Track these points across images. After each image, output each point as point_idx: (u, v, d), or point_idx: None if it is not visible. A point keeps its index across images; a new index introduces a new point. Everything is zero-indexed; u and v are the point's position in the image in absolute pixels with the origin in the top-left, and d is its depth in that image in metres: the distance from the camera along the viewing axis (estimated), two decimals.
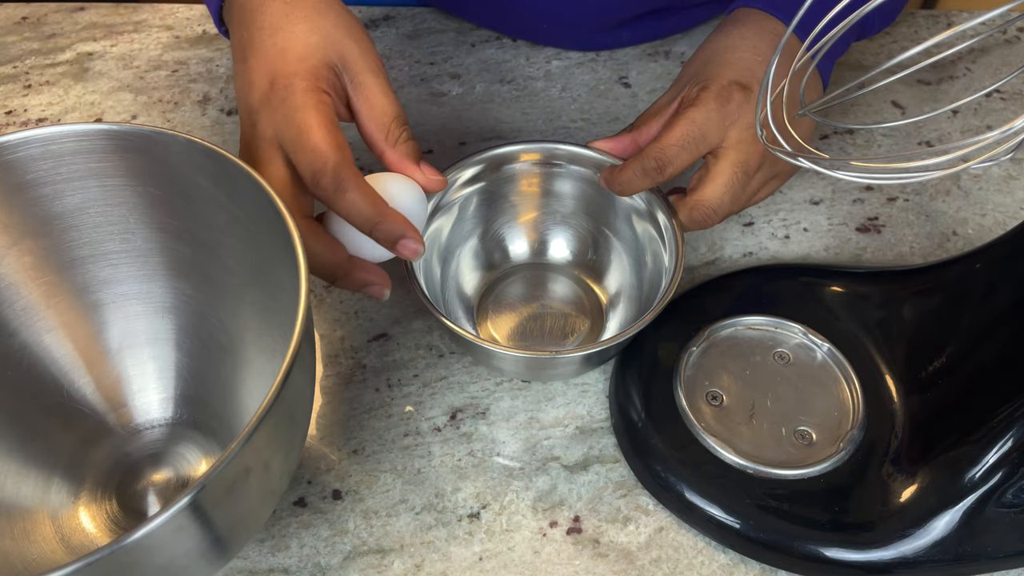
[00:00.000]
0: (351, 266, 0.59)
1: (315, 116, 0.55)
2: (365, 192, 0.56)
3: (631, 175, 0.64)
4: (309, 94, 0.56)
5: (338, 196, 0.55)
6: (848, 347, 0.65)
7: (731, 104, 0.63)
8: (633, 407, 0.63)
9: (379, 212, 0.56)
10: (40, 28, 0.94)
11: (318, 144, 0.55)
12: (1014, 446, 0.54)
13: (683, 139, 0.63)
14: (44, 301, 0.58)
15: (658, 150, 0.63)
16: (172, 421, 0.62)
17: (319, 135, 0.55)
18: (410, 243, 0.57)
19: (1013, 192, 0.80)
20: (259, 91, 0.58)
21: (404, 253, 0.58)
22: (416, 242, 0.57)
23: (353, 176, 0.55)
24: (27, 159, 0.53)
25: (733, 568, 0.59)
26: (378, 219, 0.56)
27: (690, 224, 0.65)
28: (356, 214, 0.56)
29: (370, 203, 0.56)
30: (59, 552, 0.55)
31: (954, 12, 0.96)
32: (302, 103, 0.56)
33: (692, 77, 0.67)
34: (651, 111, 0.68)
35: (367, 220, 0.56)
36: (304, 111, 0.56)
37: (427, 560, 0.59)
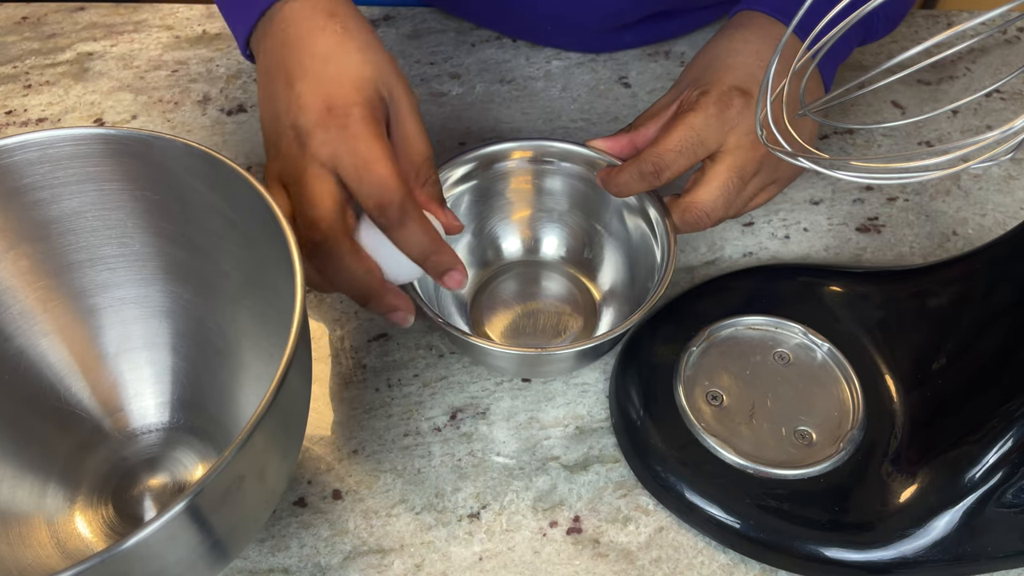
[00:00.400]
0: (384, 290, 0.60)
1: (380, 147, 0.57)
2: (426, 225, 0.58)
3: (628, 178, 0.64)
4: (371, 124, 0.57)
5: (401, 226, 0.57)
6: (848, 347, 0.65)
7: (731, 110, 0.63)
8: (633, 407, 0.63)
9: (435, 244, 0.59)
10: (40, 28, 0.94)
11: (387, 177, 0.56)
12: (1014, 446, 0.54)
13: (681, 144, 0.62)
14: (40, 305, 0.58)
15: (655, 155, 0.63)
16: (168, 426, 0.62)
17: (386, 167, 0.56)
18: (456, 275, 0.60)
19: (1013, 192, 0.80)
20: (314, 114, 0.57)
21: (449, 284, 0.61)
22: (462, 274, 0.61)
23: (416, 209, 0.57)
24: (24, 163, 0.53)
25: (733, 568, 0.59)
26: (433, 250, 0.59)
27: (683, 226, 0.65)
28: (414, 244, 0.58)
29: (429, 236, 0.58)
30: (54, 557, 0.55)
31: (954, 12, 0.96)
32: (365, 132, 0.57)
33: (693, 81, 0.67)
34: (650, 112, 0.68)
35: (423, 251, 0.58)
36: (369, 140, 0.56)
37: (427, 560, 0.59)
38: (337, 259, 0.57)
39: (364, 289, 0.59)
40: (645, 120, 0.68)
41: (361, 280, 0.58)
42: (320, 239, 0.56)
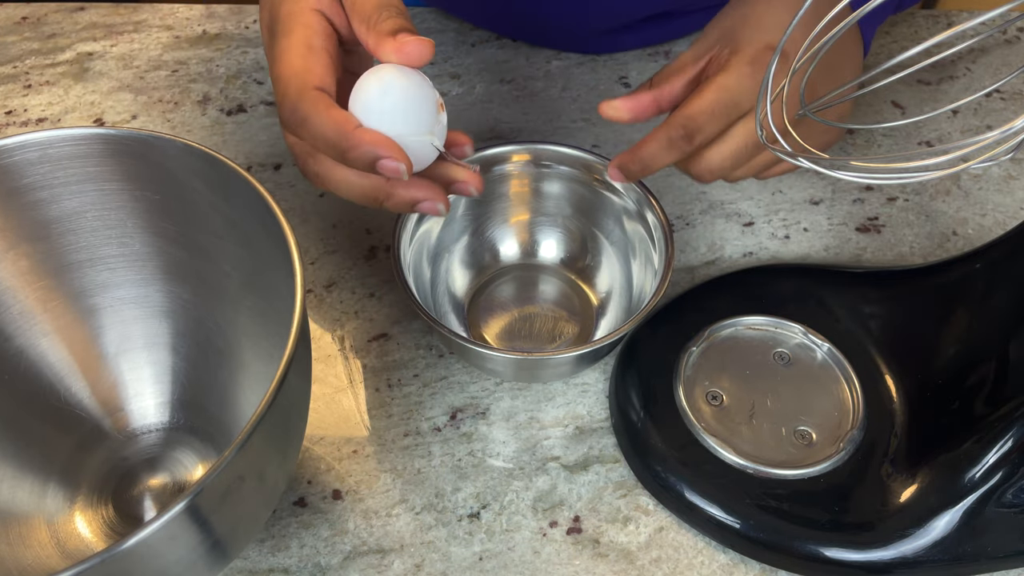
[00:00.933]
0: (391, 188, 0.52)
1: (291, 40, 0.50)
2: (326, 117, 0.48)
3: (656, 147, 0.59)
4: (293, 16, 0.51)
5: (302, 129, 0.49)
6: (848, 347, 0.65)
7: (763, 67, 0.58)
8: (633, 407, 0.63)
9: (343, 136, 0.48)
10: (40, 28, 0.94)
11: (280, 72, 0.49)
12: (1014, 446, 0.54)
13: (714, 105, 0.58)
14: (40, 305, 0.58)
15: (686, 117, 0.58)
16: (168, 426, 0.62)
17: (283, 62, 0.50)
18: (389, 163, 0.48)
19: (1013, 192, 0.80)
20: (265, 27, 0.54)
21: (386, 175, 0.49)
22: (395, 159, 0.48)
23: (311, 101, 0.48)
24: (24, 163, 0.53)
25: (733, 568, 0.59)
26: (345, 145, 0.48)
27: (696, 174, 0.62)
28: (323, 144, 0.49)
29: (332, 128, 0.48)
30: (54, 557, 0.55)
31: (954, 12, 0.96)
32: (281, 28, 0.51)
33: (722, 37, 0.62)
34: (673, 68, 0.63)
35: (334, 148, 0.49)
36: (284, 37, 0.51)
37: (427, 560, 0.59)
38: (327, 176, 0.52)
39: (366, 192, 0.52)
40: (668, 76, 0.62)
41: (358, 188, 0.52)
42: (300, 164, 0.52)
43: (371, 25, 0.51)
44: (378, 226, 0.76)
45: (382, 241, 0.75)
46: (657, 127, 0.60)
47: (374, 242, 0.75)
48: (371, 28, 0.51)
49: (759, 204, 0.78)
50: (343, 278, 0.73)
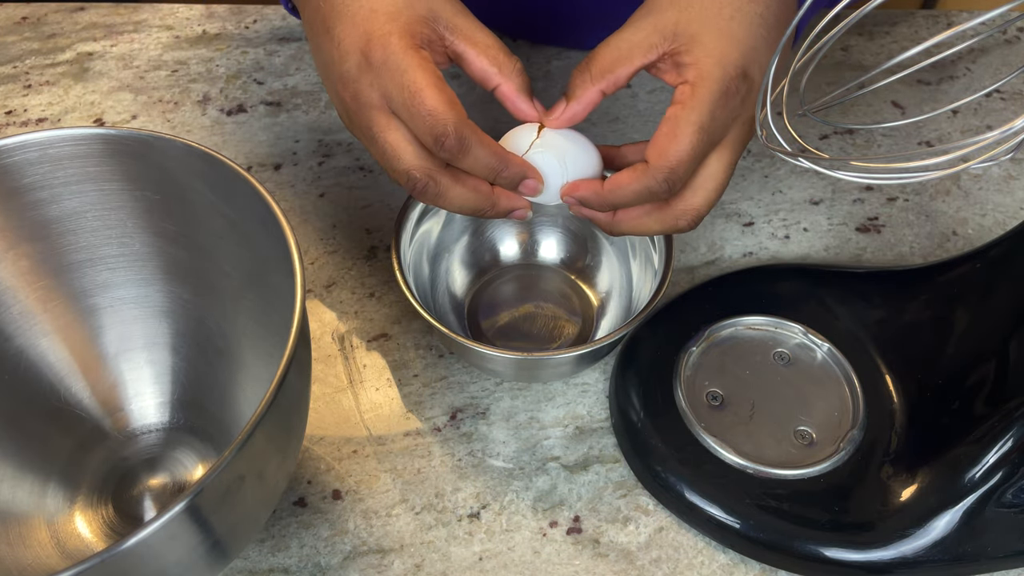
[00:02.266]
0: (496, 197, 0.59)
1: (423, 75, 0.54)
2: (486, 144, 0.55)
3: (630, 194, 0.57)
4: (411, 52, 0.54)
5: (462, 156, 0.55)
6: (848, 347, 0.65)
7: (735, 99, 0.56)
8: (633, 407, 0.63)
9: (501, 160, 0.56)
10: (40, 28, 0.94)
11: (434, 106, 0.53)
12: (1014, 446, 0.54)
13: (695, 151, 0.56)
14: (40, 305, 0.58)
15: (669, 170, 0.56)
16: (168, 426, 0.62)
17: (432, 96, 0.53)
18: (531, 183, 0.58)
19: (1013, 192, 0.80)
20: (355, 56, 0.56)
21: (526, 193, 0.59)
22: (537, 180, 0.58)
23: (473, 132, 0.55)
24: (24, 163, 0.53)
25: (733, 568, 0.59)
26: (501, 167, 0.56)
27: (669, 231, 0.61)
28: (481, 167, 0.56)
29: (492, 153, 0.56)
30: (54, 557, 0.55)
31: (954, 12, 0.96)
32: (406, 63, 0.54)
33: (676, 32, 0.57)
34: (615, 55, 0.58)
35: (491, 170, 0.56)
36: (411, 72, 0.54)
37: (427, 560, 0.59)
38: (443, 196, 0.57)
39: (477, 207, 0.58)
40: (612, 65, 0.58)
41: (468, 201, 0.58)
42: (420, 187, 0.56)
43: (504, 71, 0.58)
44: (378, 226, 0.76)
45: (382, 241, 0.75)
46: (632, 171, 0.57)
47: (374, 242, 0.75)
48: (505, 73, 0.58)
49: (759, 204, 0.78)
50: (343, 278, 0.73)
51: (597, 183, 0.59)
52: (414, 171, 0.55)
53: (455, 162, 0.56)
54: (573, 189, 0.59)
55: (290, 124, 0.84)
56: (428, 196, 0.56)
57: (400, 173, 0.56)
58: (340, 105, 0.59)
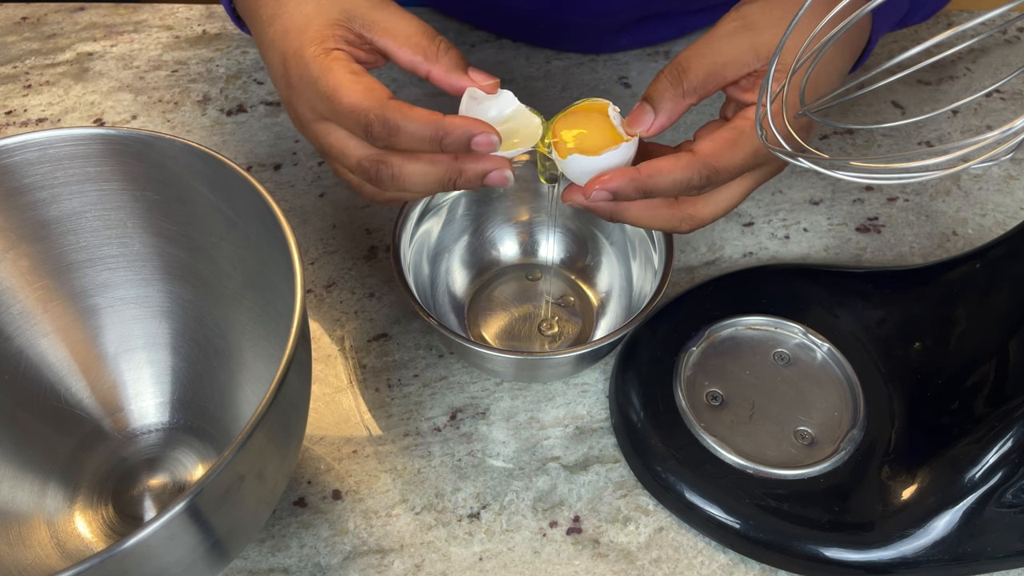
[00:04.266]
0: (461, 164, 0.55)
1: (335, 76, 0.54)
2: (416, 117, 0.52)
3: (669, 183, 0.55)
4: (320, 58, 0.55)
5: (395, 138, 0.53)
6: (848, 347, 0.65)
7: None
8: (633, 407, 0.63)
9: (438, 127, 0.52)
10: (40, 28, 0.94)
11: (351, 101, 0.53)
12: (1014, 446, 0.54)
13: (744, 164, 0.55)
14: (40, 305, 0.58)
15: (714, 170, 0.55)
16: (168, 426, 0.62)
17: (347, 92, 0.53)
18: (482, 138, 0.53)
19: (1013, 192, 0.80)
20: (281, 80, 0.57)
21: (481, 150, 0.53)
22: (488, 133, 0.53)
23: (397, 111, 0.52)
24: (24, 163, 0.53)
25: (733, 568, 0.59)
26: (440, 133, 0.53)
27: (668, 230, 0.61)
28: (419, 141, 0.53)
29: (425, 124, 0.52)
30: (54, 557, 0.55)
31: (954, 12, 0.96)
32: (318, 71, 0.54)
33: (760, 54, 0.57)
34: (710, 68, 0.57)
35: (431, 140, 0.53)
36: (323, 77, 0.54)
37: (427, 560, 0.59)
38: (400, 176, 0.55)
39: (440, 179, 0.55)
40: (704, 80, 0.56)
41: (436, 175, 0.55)
42: (375, 173, 0.55)
43: (429, 55, 0.57)
44: (378, 226, 0.76)
45: (382, 241, 0.75)
46: (675, 159, 0.55)
47: (374, 242, 0.75)
48: (431, 58, 0.57)
49: (759, 204, 0.78)
50: (343, 278, 0.73)
51: (632, 171, 0.55)
52: (363, 160, 0.55)
53: (393, 145, 0.54)
54: (606, 182, 0.55)
55: (290, 124, 0.84)
56: (386, 181, 0.55)
57: (353, 168, 0.56)
58: (300, 130, 0.60)
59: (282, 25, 0.57)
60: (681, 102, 0.56)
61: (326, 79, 0.54)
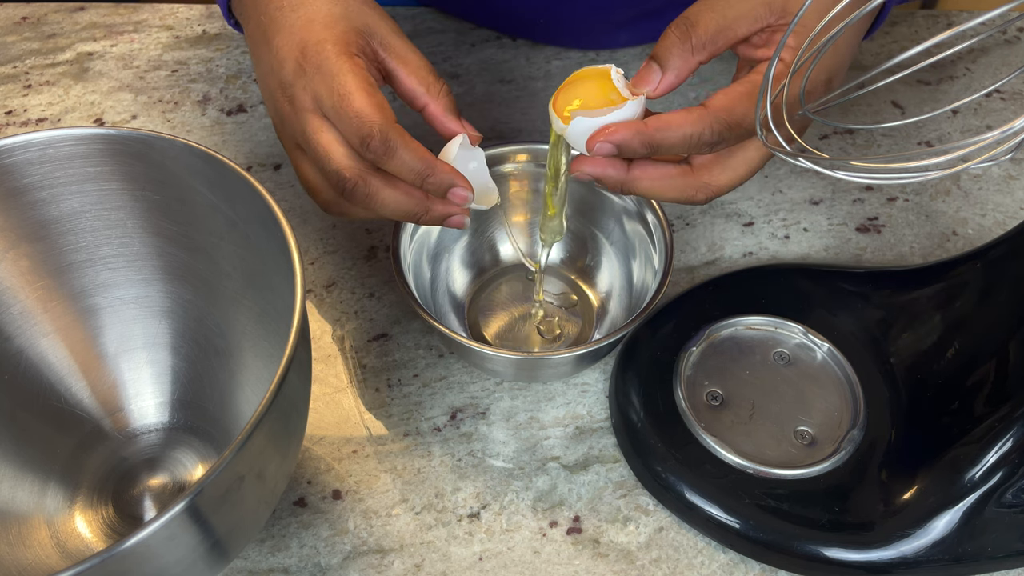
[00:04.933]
0: (430, 204, 0.58)
1: (353, 80, 0.55)
2: (413, 148, 0.55)
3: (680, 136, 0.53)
4: (343, 58, 0.55)
5: (388, 158, 0.54)
6: (848, 347, 0.65)
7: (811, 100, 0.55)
8: (633, 407, 0.63)
9: (428, 165, 0.55)
10: (40, 28, 0.94)
11: (361, 109, 0.54)
12: (1014, 446, 0.54)
13: None
14: (40, 305, 0.58)
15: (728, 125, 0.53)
16: (168, 426, 0.62)
17: (360, 99, 0.54)
18: (460, 191, 0.56)
19: (1013, 192, 0.80)
20: (291, 63, 0.57)
21: (455, 200, 0.57)
22: (466, 189, 0.56)
23: (399, 135, 0.54)
24: (24, 163, 0.53)
25: (733, 568, 0.59)
26: (427, 172, 0.55)
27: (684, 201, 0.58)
28: (407, 171, 0.55)
29: (418, 158, 0.55)
30: (54, 557, 0.55)
31: (954, 12, 0.96)
32: (338, 68, 0.55)
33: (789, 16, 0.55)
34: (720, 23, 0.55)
35: (417, 174, 0.55)
36: (341, 76, 0.55)
37: (427, 560, 0.59)
38: (374, 197, 0.56)
39: (409, 211, 0.58)
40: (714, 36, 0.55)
41: (400, 205, 0.57)
42: (350, 186, 0.55)
43: (431, 92, 0.59)
44: (378, 226, 0.76)
45: (382, 241, 0.75)
46: (686, 112, 0.54)
47: (374, 242, 0.75)
48: (432, 94, 0.59)
49: (759, 204, 0.78)
50: (343, 278, 0.73)
51: (638, 123, 0.54)
52: (344, 171, 0.55)
53: (382, 164, 0.55)
54: (610, 134, 0.53)
55: None
56: (358, 197, 0.56)
57: (331, 173, 0.56)
58: (276, 115, 0.60)
59: (307, 14, 0.58)
60: (690, 59, 0.55)
61: (343, 79, 0.55)
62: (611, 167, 0.56)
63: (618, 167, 0.57)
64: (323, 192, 0.59)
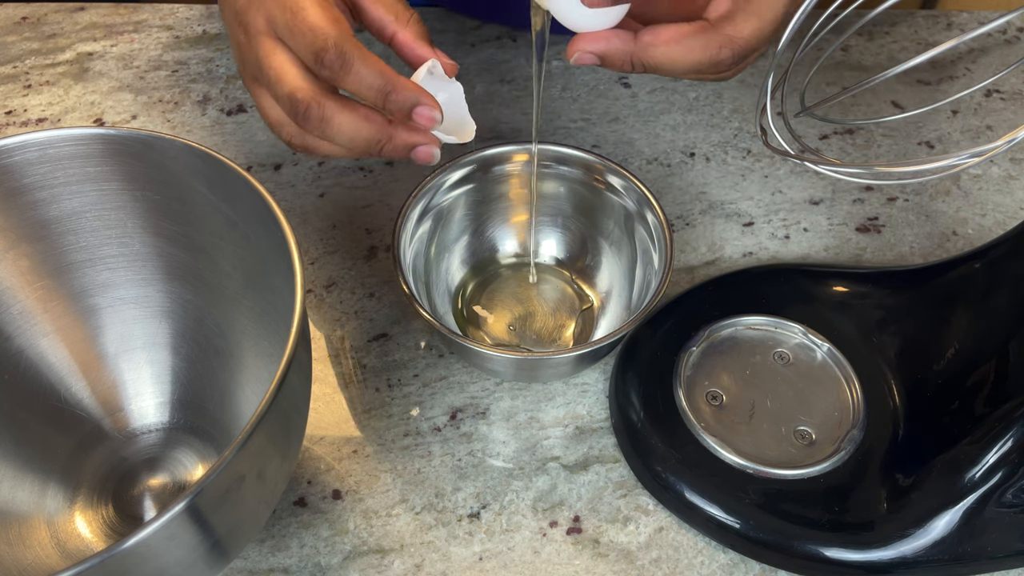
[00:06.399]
0: (393, 130, 0.54)
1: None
2: (371, 62, 0.51)
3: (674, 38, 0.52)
4: None
5: (344, 72, 0.51)
6: (848, 347, 0.65)
7: None
8: (633, 407, 0.63)
9: (388, 81, 0.51)
10: (40, 28, 0.94)
11: (315, 22, 0.51)
12: (1014, 446, 0.54)
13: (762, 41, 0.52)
14: (40, 305, 0.58)
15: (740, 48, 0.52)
16: (168, 426, 0.62)
17: (314, 13, 0.51)
18: (425, 110, 0.52)
19: (1013, 192, 0.80)
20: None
21: (420, 121, 0.53)
22: (432, 107, 0.52)
23: (356, 48, 0.51)
24: (24, 163, 0.53)
25: (733, 568, 0.59)
26: (388, 88, 0.51)
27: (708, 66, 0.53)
28: (366, 88, 0.52)
29: (378, 72, 0.51)
30: (54, 557, 0.55)
31: (954, 12, 0.96)
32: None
33: None
34: None
35: (378, 91, 0.52)
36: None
37: (427, 560, 0.59)
38: (329, 121, 0.53)
39: (369, 139, 0.54)
40: None
41: (358, 132, 0.53)
42: (303, 109, 0.52)
43: (400, 20, 0.56)
44: (378, 226, 0.76)
45: (382, 241, 0.75)
46: (686, 27, 0.52)
47: (374, 242, 0.75)
48: (400, 22, 0.56)
49: (759, 204, 0.78)
50: (343, 278, 0.73)
51: (624, 34, 0.52)
52: (297, 92, 0.53)
53: (338, 82, 0.52)
54: (592, 41, 0.52)
55: None
56: (312, 122, 0.53)
57: (283, 99, 0.53)
58: (235, 51, 0.58)
59: None
60: None
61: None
62: (616, 38, 0.53)
63: (624, 37, 0.53)
64: (286, 125, 0.56)
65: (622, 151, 0.82)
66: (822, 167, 0.51)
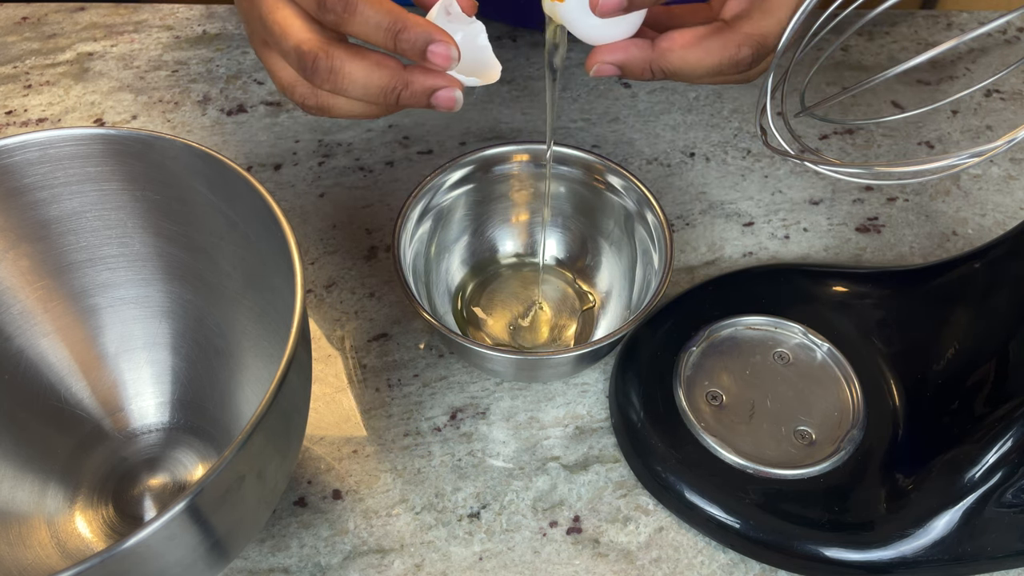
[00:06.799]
0: (409, 75, 0.50)
1: None
2: (377, 1, 0.48)
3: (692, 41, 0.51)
4: None
5: (348, 15, 0.48)
6: (848, 347, 0.65)
7: None
8: (633, 407, 0.63)
9: (396, 19, 0.48)
10: (40, 28, 0.94)
11: None
12: (1014, 446, 0.54)
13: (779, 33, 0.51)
14: (40, 305, 0.58)
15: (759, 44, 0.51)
16: (169, 426, 0.62)
17: None
18: (440, 47, 0.48)
19: (1013, 192, 0.80)
20: None
21: (436, 61, 0.49)
22: (448, 44, 0.48)
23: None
24: (24, 163, 0.53)
25: (733, 568, 0.59)
26: (398, 26, 0.48)
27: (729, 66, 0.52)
28: (373, 29, 0.49)
29: (385, 11, 0.48)
30: (54, 557, 0.55)
31: (954, 12, 0.96)
32: None
33: None
34: None
35: (386, 31, 0.48)
36: None
37: (427, 560, 0.59)
38: (339, 72, 0.50)
39: (383, 86, 0.51)
40: None
41: (371, 79, 0.50)
42: (310, 61, 0.50)
43: None
44: (378, 226, 0.76)
45: (382, 241, 0.75)
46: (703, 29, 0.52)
47: (374, 242, 0.75)
48: None
49: (759, 204, 0.78)
50: (343, 278, 0.73)
51: (642, 43, 0.51)
52: (303, 45, 0.50)
53: (344, 27, 0.49)
54: (610, 52, 0.51)
55: (290, 124, 0.84)
56: (322, 74, 0.50)
57: (290, 53, 0.51)
58: (244, 18, 0.56)
59: None
60: None
61: None
62: (634, 47, 0.52)
63: (642, 45, 0.52)
64: (298, 85, 0.53)
65: (622, 151, 0.82)
66: (822, 167, 0.51)
